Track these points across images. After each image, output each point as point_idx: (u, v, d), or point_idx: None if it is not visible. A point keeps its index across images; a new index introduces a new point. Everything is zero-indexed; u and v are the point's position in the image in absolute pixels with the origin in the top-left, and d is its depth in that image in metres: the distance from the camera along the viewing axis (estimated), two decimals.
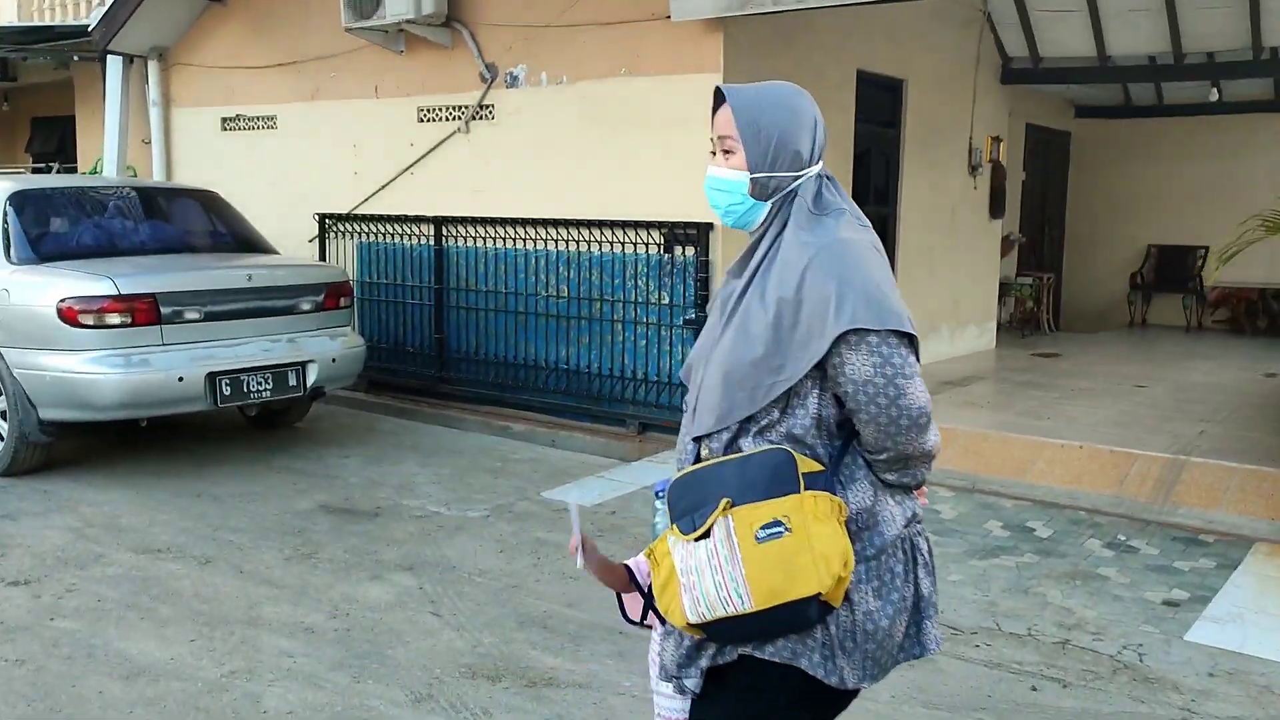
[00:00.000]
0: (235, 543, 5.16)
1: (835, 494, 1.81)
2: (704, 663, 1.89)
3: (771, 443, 1.85)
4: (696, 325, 7.00)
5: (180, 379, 6.01)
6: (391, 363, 8.51)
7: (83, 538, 5.20)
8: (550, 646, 4.04)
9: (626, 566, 2.18)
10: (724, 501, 1.79)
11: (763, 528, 1.76)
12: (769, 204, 1.93)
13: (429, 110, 8.29)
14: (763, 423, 1.86)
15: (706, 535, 1.80)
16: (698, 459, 1.93)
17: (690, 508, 1.84)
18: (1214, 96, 10.74)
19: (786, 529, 1.75)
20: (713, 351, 1.93)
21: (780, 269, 1.85)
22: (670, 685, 2.00)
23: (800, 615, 1.77)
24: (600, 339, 7.50)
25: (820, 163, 1.95)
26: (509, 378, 7.92)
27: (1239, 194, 11.95)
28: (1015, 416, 7.09)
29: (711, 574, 1.77)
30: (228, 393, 6.22)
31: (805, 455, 1.83)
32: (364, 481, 6.25)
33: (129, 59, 9.81)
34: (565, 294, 7.61)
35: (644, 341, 7.31)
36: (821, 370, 1.83)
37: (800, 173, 1.92)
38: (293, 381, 6.56)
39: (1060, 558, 5.01)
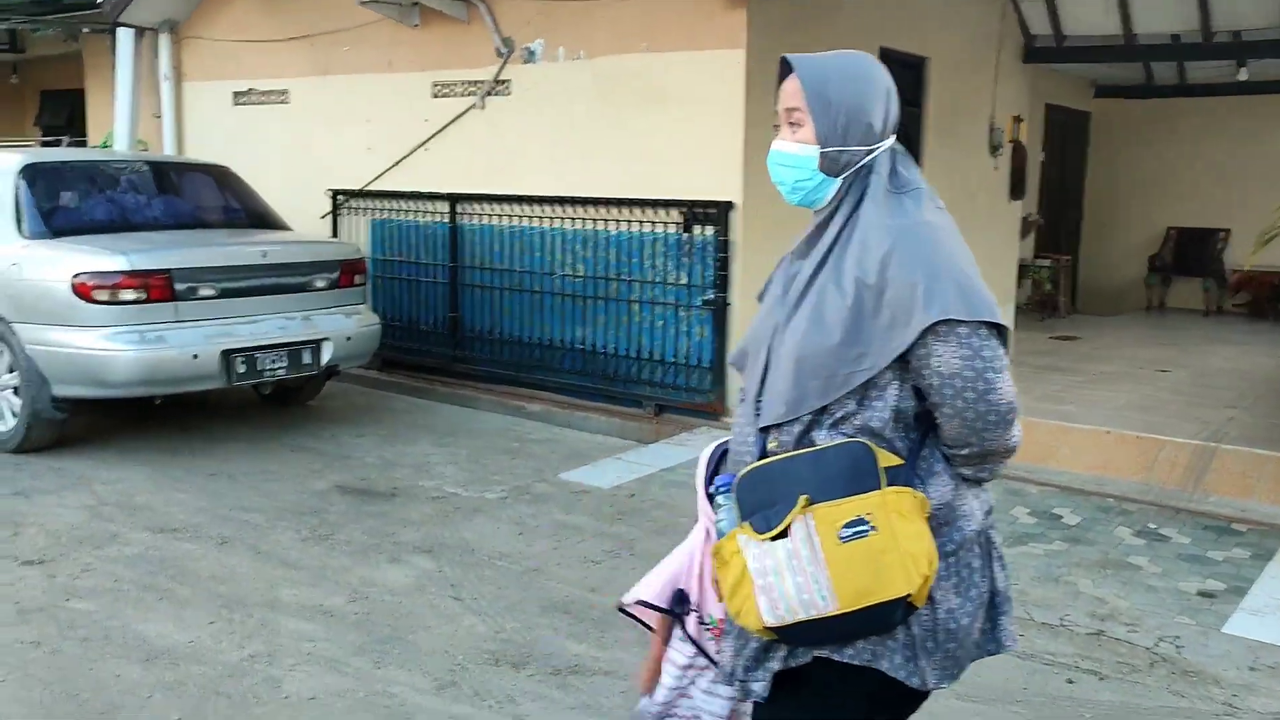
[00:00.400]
0: (252, 523, 5.09)
1: (915, 489, 1.72)
2: (774, 665, 1.81)
3: (846, 435, 1.75)
4: (715, 306, 6.91)
5: (195, 356, 5.93)
6: (405, 341, 8.42)
7: (97, 516, 5.13)
8: (574, 633, 3.97)
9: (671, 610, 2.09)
10: (802, 499, 1.70)
11: (846, 526, 1.67)
12: (839, 180, 1.83)
13: (444, 85, 8.17)
14: (838, 414, 1.76)
15: (783, 534, 1.71)
16: (763, 452, 1.83)
17: (762, 504, 1.74)
18: (1243, 76, 10.56)
19: (871, 528, 1.66)
20: (776, 337, 1.83)
21: (859, 251, 1.75)
22: (731, 689, 1.91)
23: (885, 617, 1.69)
24: (617, 319, 7.40)
25: (893, 136, 1.85)
26: (524, 357, 7.84)
27: (1263, 176, 11.80)
28: (1037, 401, 6.98)
29: (792, 575, 1.69)
30: (243, 370, 6.14)
31: (883, 449, 1.74)
32: (379, 461, 6.17)
33: (139, 32, 9.68)
34: (581, 273, 7.51)
35: (661, 322, 7.22)
36: (903, 361, 1.73)
37: (873, 147, 1.82)
38: (307, 360, 6.48)
39: (1090, 545, 4.93)
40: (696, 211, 6.95)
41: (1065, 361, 8.51)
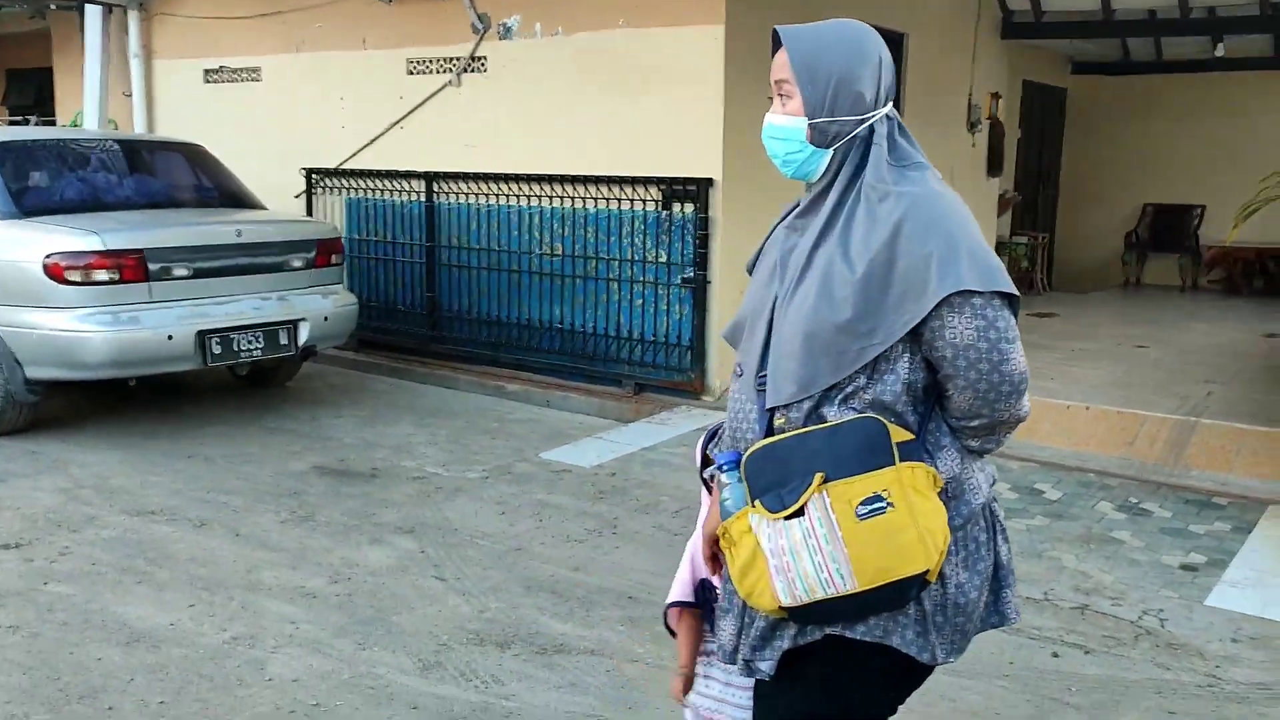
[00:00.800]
0: (230, 505, 5.03)
1: (927, 464, 1.70)
2: (783, 644, 1.78)
3: (857, 411, 1.72)
4: (694, 284, 6.87)
5: (170, 337, 5.85)
6: (382, 322, 8.35)
7: (74, 499, 5.06)
8: (559, 612, 3.94)
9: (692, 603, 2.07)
10: (817, 476, 1.67)
11: (863, 503, 1.64)
12: (830, 152, 1.79)
13: (419, 62, 8.07)
14: (848, 390, 1.72)
15: (798, 513, 1.68)
16: (769, 429, 1.79)
17: (775, 483, 1.70)
18: (1221, 52, 10.58)
19: (889, 504, 1.63)
20: (778, 312, 1.79)
21: (866, 223, 1.71)
22: (734, 669, 1.88)
23: (902, 594, 1.67)
24: (596, 298, 7.36)
25: (888, 105, 1.81)
26: (503, 337, 7.78)
27: (1239, 153, 11.84)
28: None
29: (809, 555, 1.65)
30: (218, 351, 6.06)
31: (894, 423, 1.71)
32: (358, 442, 6.12)
33: (108, 8, 9.51)
34: (560, 252, 7.46)
35: (640, 301, 7.18)
36: (915, 334, 1.70)
37: (864, 116, 1.78)
38: (284, 340, 6.40)
39: (1072, 520, 4.94)
40: (676, 189, 6.90)
41: (1044, 338, 8.54)
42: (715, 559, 1.89)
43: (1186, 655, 3.67)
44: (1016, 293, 1.71)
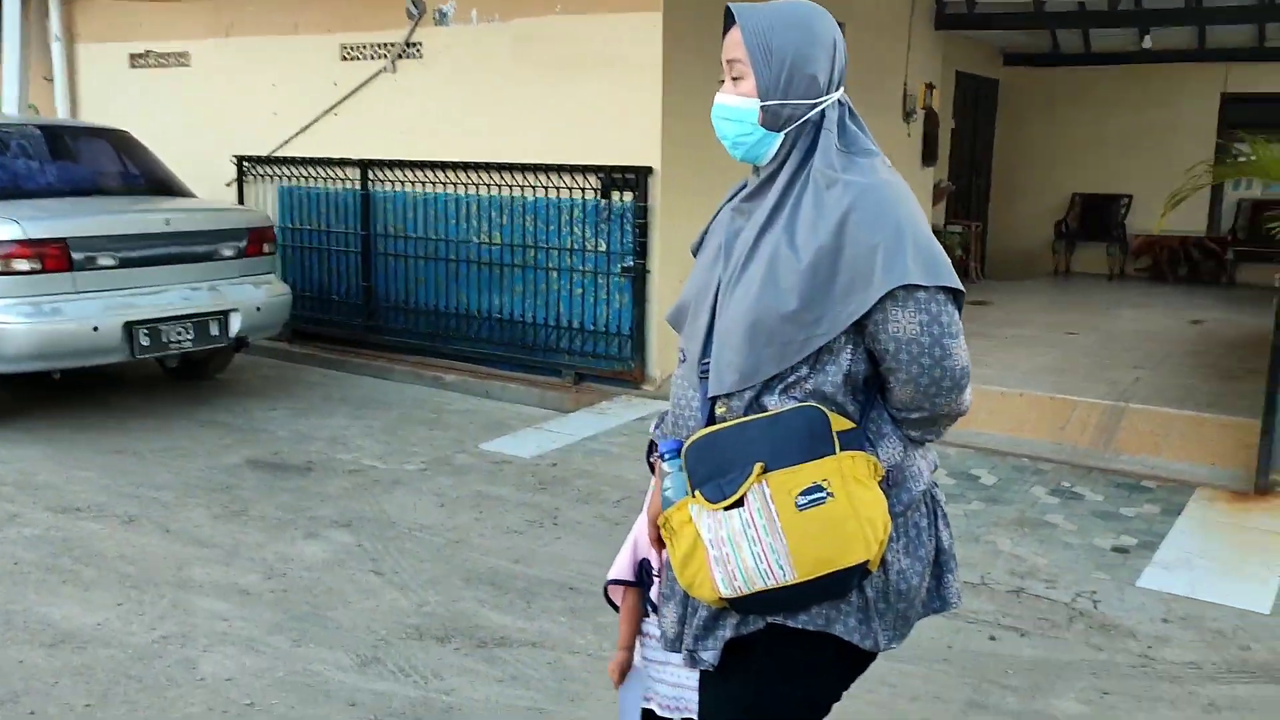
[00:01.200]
0: (160, 500, 4.91)
1: (868, 452, 1.69)
2: (725, 633, 1.76)
3: (798, 400, 1.71)
4: (634, 273, 6.85)
5: (95, 329, 5.69)
6: (316, 312, 8.20)
7: None
8: (499, 604, 3.90)
9: (635, 580, 2.05)
10: (757, 466, 1.65)
11: (803, 493, 1.62)
12: (781, 135, 1.77)
13: (353, 48, 7.93)
14: (789, 379, 1.71)
15: (739, 503, 1.66)
16: (711, 418, 1.77)
17: (715, 473, 1.69)
18: (1148, 44, 10.81)
19: (829, 494, 1.62)
20: (722, 298, 1.77)
21: (814, 211, 1.69)
22: (678, 658, 1.86)
23: (843, 583, 1.66)
24: (535, 287, 7.30)
25: (840, 89, 1.79)
26: (441, 327, 7.69)
27: (1163, 143, 12.14)
28: None
29: (749, 545, 1.64)
30: (146, 343, 5.90)
31: (834, 413, 1.70)
32: (293, 435, 6.00)
33: None
34: (499, 240, 7.39)
35: (580, 290, 7.14)
36: (858, 325, 1.68)
37: (816, 100, 1.76)
38: (215, 331, 6.26)
39: (1007, 505, 5.01)
40: (615, 177, 6.87)
41: (978, 326, 8.64)
42: (660, 541, 1.87)
43: (1119, 636, 3.73)
44: (961, 288, 1.70)
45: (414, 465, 5.52)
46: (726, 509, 1.66)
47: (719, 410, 1.75)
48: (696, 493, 1.70)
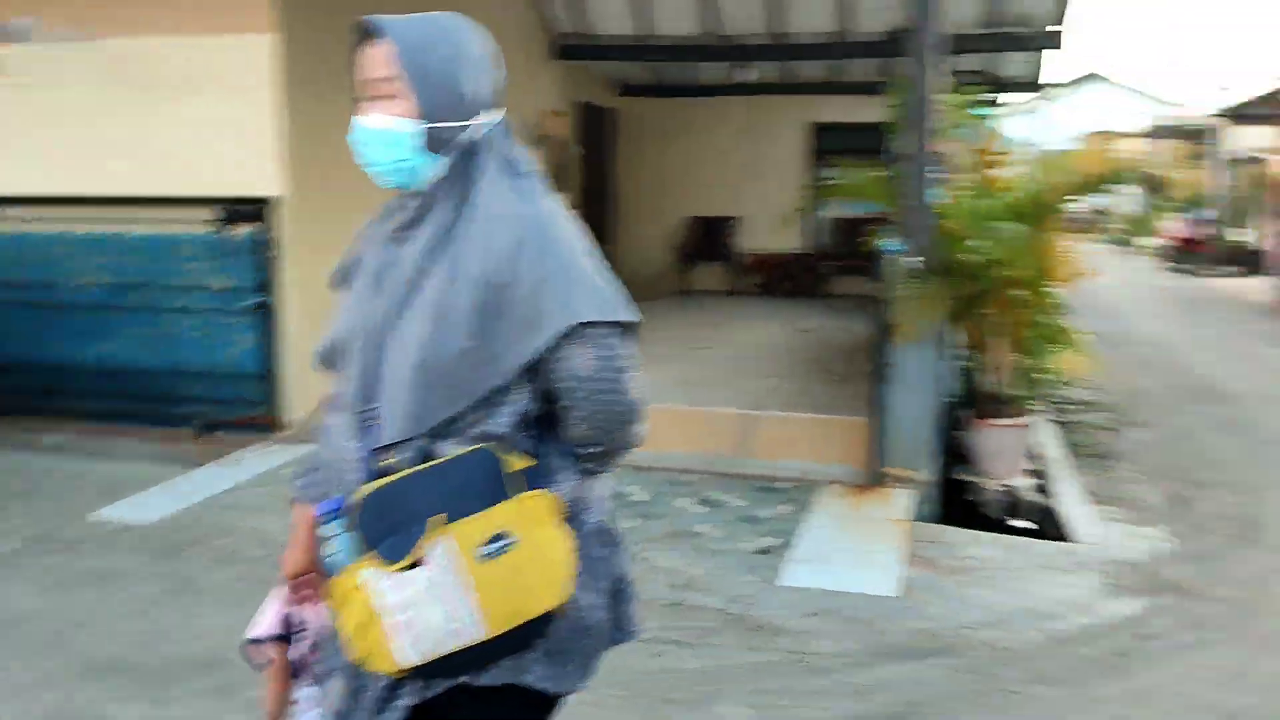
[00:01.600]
0: None
1: (547, 489, 1.61)
2: (407, 700, 1.62)
3: (469, 444, 1.59)
4: (260, 310, 6.41)
5: None
6: None
7: None
8: (130, 694, 3.46)
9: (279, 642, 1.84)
10: (436, 520, 1.52)
11: (486, 544, 1.52)
12: (440, 158, 1.64)
13: None
14: (461, 423, 1.59)
15: (419, 561, 1.52)
16: (375, 471, 1.61)
17: (389, 530, 1.54)
18: (755, 76, 11.78)
19: (512, 540, 1.53)
20: (386, 335, 1.62)
21: (483, 242, 1.58)
22: None
23: (535, 631, 1.58)
24: (148, 331, 6.65)
25: (501, 109, 1.70)
26: (34, 383, 6.80)
27: (762, 168, 13.33)
28: None
29: (438, 605, 1.51)
30: None
31: (511, 453, 1.60)
32: None
33: None
34: (103, 281, 6.66)
35: (200, 332, 6.59)
36: (532, 364, 1.60)
37: (470, 121, 1.66)
38: None
39: (659, 519, 5.15)
40: (231, 209, 6.40)
41: None
42: (303, 599, 1.75)
43: (772, 635, 3.92)
44: (635, 319, 1.66)
45: (7, 546, 4.80)
46: (407, 569, 1.53)
47: (386, 461, 1.61)
48: (371, 554, 1.55)
